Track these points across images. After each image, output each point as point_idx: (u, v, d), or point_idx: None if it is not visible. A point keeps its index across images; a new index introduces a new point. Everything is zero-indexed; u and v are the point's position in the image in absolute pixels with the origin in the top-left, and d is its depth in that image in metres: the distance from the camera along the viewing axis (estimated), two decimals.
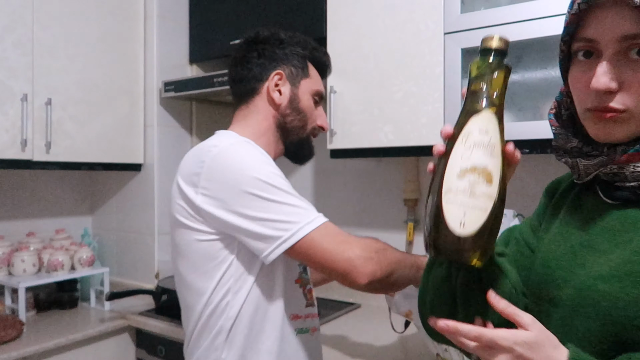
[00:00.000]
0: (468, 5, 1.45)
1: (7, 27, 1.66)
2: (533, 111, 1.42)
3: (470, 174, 0.56)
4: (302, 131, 1.08)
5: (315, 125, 1.11)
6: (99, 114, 1.95)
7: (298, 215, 0.89)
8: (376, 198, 1.96)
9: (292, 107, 1.07)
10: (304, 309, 1.02)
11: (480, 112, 0.59)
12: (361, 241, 0.92)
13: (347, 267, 0.87)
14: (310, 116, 1.09)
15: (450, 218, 0.56)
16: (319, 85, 1.11)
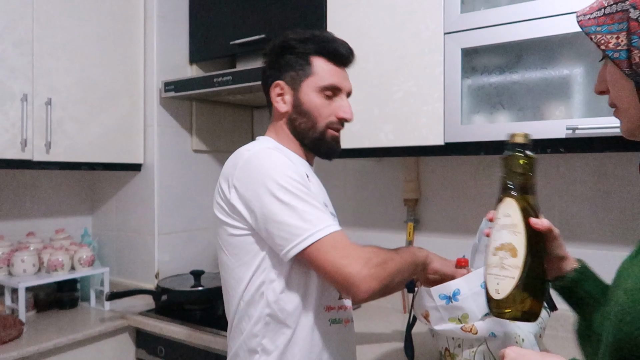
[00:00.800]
0: (468, 5, 1.45)
1: (7, 27, 1.66)
2: (533, 111, 1.42)
3: (500, 251, 0.75)
4: (314, 131, 1.09)
5: (331, 120, 1.10)
6: (99, 114, 1.95)
7: (310, 222, 0.93)
8: (376, 198, 1.96)
9: (297, 112, 1.09)
10: (336, 300, 1.06)
11: (502, 199, 0.78)
12: (363, 255, 0.93)
13: (347, 282, 0.90)
14: (319, 114, 1.08)
15: (490, 287, 0.76)
16: (327, 79, 1.09)
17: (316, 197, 0.99)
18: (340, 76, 1.12)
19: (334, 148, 1.13)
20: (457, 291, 1.10)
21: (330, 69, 1.10)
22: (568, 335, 1.52)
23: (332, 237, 0.93)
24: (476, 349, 1.12)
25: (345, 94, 1.13)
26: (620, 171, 1.49)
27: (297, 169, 1.00)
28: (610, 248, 1.50)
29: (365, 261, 0.92)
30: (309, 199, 0.96)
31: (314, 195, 0.99)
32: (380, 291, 0.94)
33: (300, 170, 1.02)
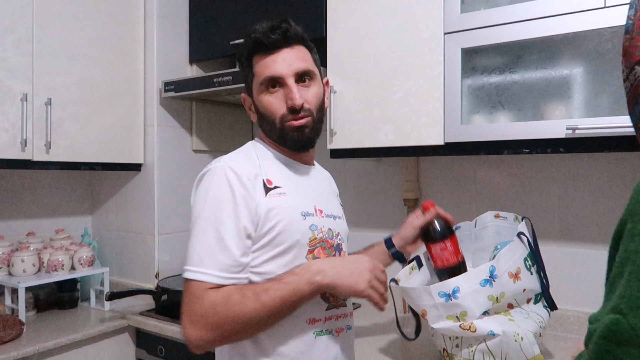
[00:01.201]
0: (468, 5, 1.45)
1: (7, 27, 1.66)
2: (533, 111, 1.42)
3: None
4: (275, 130, 1.03)
5: (283, 113, 1.01)
6: (99, 114, 1.95)
7: (191, 257, 0.92)
8: (376, 198, 1.96)
9: (260, 117, 1.06)
10: (324, 312, 1.01)
11: None
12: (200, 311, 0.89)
13: (183, 332, 0.91)
14: (271, 112, 1.02)
15: None
16: (263, 74, 1.01)
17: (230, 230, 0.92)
18: (276, 64, 1.00)
19: (297, 138, 1.03)
20: (457, 289, 1.10)
21: (264, 62, 1.02)
22: (568, 335, 1.52)
23: (192, 284, 0.90)
24: (475, 347, 1.12)
25: (289, 79, 1.00)
26: (620, 171, 1.49)
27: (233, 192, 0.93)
28: None
29: (197, 321, 0.89)
30: (216, 232, 0.92)
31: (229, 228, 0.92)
32: (215, 345, 0.94)
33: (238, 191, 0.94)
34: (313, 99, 1.03)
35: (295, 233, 0.98)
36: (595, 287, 1.52)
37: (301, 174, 1.08)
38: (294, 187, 1.02)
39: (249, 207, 0.94)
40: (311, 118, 1.02)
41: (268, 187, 0.98)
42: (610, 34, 1.27)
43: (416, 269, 1.33)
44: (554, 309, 1.21)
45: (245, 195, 0.94)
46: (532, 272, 1.17)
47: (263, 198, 0.96)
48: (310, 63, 1.05)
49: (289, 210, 0.98)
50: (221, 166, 0.96)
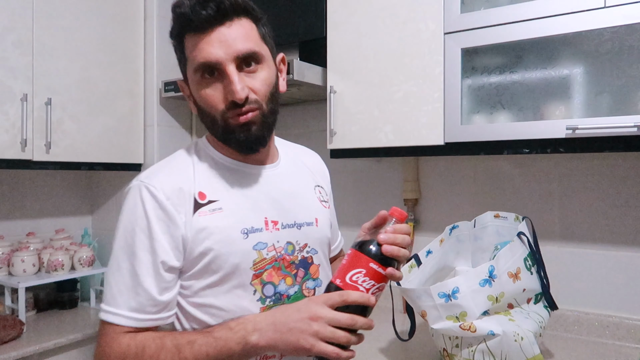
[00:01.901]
0: (468, 5, 1.45)
1: (7, 27, 1.66)
2: (533, 111, 1.42)
3: None
4: (217, 127, 0.84)
5: (222, 109, 0.82)
6: (99, 114, 1.95)
7: (106, 296, 0.81)
8: (376, 198, 1.96)
9: (197, 109, 0.87)
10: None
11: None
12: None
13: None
14: (209, 106, 0.83)
15: None
16: (196, 58, 0.81)
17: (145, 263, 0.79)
18: (210, 46, 0.80)
19: (244, 139, 0.83)
20: (457, 289, 1.10)
21: (196, 43, 0.81)
22: (568, 335, 1.52)
23: (104, 326, 0.79)
24: (475, 347, 1.12)
25: (229, 65, 0.80)
26: (620, 171, 1.49)
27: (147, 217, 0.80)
28: (611, 248, 1.50)
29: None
30: (129, 266, 0.79)
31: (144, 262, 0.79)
32: None
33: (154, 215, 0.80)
34: (262, 86, 0.83)
35: (232, 256, 0.82)
36: (595, 287, 1.52)
37: (251, 179, 0.89)
38: (237, 198, 0.85)
39: (170, 234, 0.80)
40: (259, 112, 0.83)
41: (199, 202, 0.82)
42: (610, 34, 1.27)
43: (415, 267, 1.33)
44: (554, 309, 1.21)
45: (164, 220, 0.79)
46: (532, 272, 1.17)
47: (191, 217, 0.81)
48: (256, 41, 0.83)
49: (225, 229, 0.82)
50: (137, 186, 0.82)
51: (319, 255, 0.94)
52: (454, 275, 1.35)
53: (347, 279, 0.77)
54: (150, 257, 0.79)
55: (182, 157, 0.89)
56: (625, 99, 1.29)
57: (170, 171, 0.85)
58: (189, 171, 0.86)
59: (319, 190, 1.01)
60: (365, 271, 0.77)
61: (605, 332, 1.47)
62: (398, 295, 1.83)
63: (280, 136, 1.05)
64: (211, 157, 0.89)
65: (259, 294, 0.84)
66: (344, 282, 0.77)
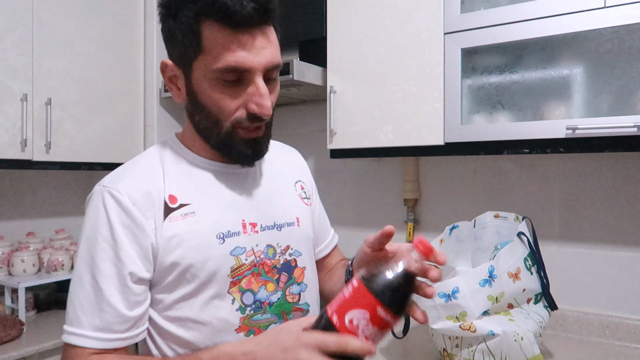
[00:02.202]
0: (468, 5, 1.45)
1: (7, 27, 1.66)
2: (533, 111, 1.42)
3: None
4: (218, 130, 0.76)
5: (239, 117, 0.75)
6: (99, 114, 1.95)
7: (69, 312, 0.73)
8: (376, 198, 1.96)
9: (193, 104, 0.77)
10: None
11: None
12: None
13: None
14: (219, 110, 0.75)
15: None
16: (224, 58, 0.71)
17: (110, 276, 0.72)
18: (247, 51, 0.71)
19: (247, 154, 0.79)
20: (456, 289, 1.10)
21: (226, 39, 0.71)
22: (568, 335, 1.52)
23: (67, 348, 0.72)
24: (475, 347, 1.12)
25: (259, 74, 0.73)
26: (620, 171, 1.49)
27: (111, 225, 0.73)
28: (610, 248, 1.50)
29: None
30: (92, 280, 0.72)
31: (108, 275, 0.72)
32: None
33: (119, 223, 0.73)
34: (275, 100, 0.78)
35: (208, 264, 0.75)
36: (595, 287, 1.52)
37: (227, 179, 0.82)
38: (211, 201, 0.79)
39: (137, 242, 0.73)
40: (265, 125, 0.79)
41: (170, 207, 0.75)
42: (610, 34, 1.27)
43: None
44: (554, 309, 1.21)
45: (130, 227, 0.72)
46: (532, 272, 1.17)
47: (161, 224, 0.74)
48: (279, 52, 0.77)
49: (199, 234, 0.75)
50: (99, 191, 0.75)
51: (303, 258, 0.86)
52: (454, 275, 1.35)
53: (346, 320, 0.60)
54: (115, 269, 0.72)
55: (150, 157, 0.81)
56: (625, 99, 1.29)
57: (136, 173, 0.78)
58: (158, 173, 0.78)
59: (300, 185, 0.94)
60: (370, 315, 0.60)
61: (605, 332, 1.47)
62: None
63: (280, 136, 1.05)
64: (183, 157, 0.82)
65: (237, 302, 0.77)
66: (341, 322, 0.61)
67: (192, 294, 0.76)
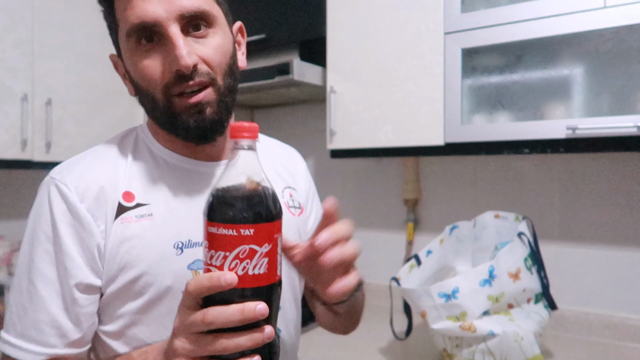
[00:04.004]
0: (468, 5, 1.45)
1: (7, 27, 1.66)
2: (533, 111, 1.42)
3: None
4: (156, 106, 0.68)
5: (168, 81, 0.64)
6: (99, 114, 1.95)
7: (5, 318, 0.65)
8: (376, 198, 1.96)
9: (136, 89, 0.71)
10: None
11: None
12: None
13: None
14: (145, 80, 0.66)
15: None
16: (129, 17, 0.63)
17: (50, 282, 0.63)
18: (147, 2, 0.62)
19: (194, 124, 0.65)
20: (457, 289, 1.10)
21: (126, 5, 0.64)
22: (568, 335, 1.52)
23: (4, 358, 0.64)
24: (475, 347, 1.12)
25: (171, 26, 0.62)
26: (620, 171, 1.49)
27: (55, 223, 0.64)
28: (610, 248, 1.50)
29: None
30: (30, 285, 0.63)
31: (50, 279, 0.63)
32: None
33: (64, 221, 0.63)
34: (214, 55, 0.65)
35: (161, 277, 0.64)
36: (595, 287, 1.52)
37: (197, 179, 0.71)
38: (174, 203, 0.68)
39: (84, 245, 0.63)
40: (213, 88, 0.65)
41: (124, 206, 0.65)
42: (610, 34, 1.27)
43: (415, 267, 1.33)
44: (554, 308, 1.21)
45: (76, 227, 0.63)
46: (532, 272, 1.17)
47: (111, 224, 0.64)
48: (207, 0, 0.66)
49: (153, 241, 0.65)
50: (46, 183, 0.66)
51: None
52: (454, 275, 1.35)
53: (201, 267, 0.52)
54: (56, 273, 0.63)
55: (111, 147, 0.72)
56: (625, 99, 1.30)
57: (91, 164, 0.68)
58: (118, 165, 0.69)
59: (289, 192, 0.82)
60: (208, 243, 0.49)
61: (605, 332, 1.47)
62: (397, 295, 1.83)
63: (280, 136, 1.03)
64: (148, 148, 0.72)
65: None
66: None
67: (140, 310, 0.65)
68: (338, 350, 1.39)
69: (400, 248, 1.87)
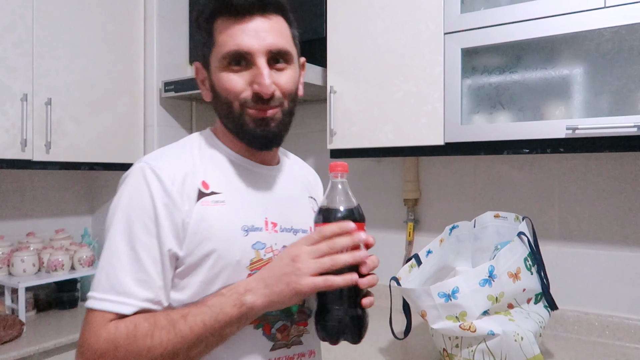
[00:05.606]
0: (468, 5, 1.45)
1: (7, 27, 1.66)
2: (533, 111, 1.42)
3: None
4: (232, 117, 0.82)
5: (245, 97, 0.80)
6: (99, 114, 1.95)
7: (100, 279, 0.75)
8: (376, 198, 1.96)
9: (215, 96, 0.84)
10: (268, 352, 0.81)
11: None
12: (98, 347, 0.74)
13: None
14: (228, 93, 0.81)
15: None
16: (228, 44, 0.79)
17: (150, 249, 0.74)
18: (245, 35, 0.79)
19: (261, 134, 0.82)
20: (456, 289, 1.10)
21: (230, 29, 0.79)
22: (568, 335, 1.52)
23: (94, 314, 0.74)
24: (475, 347, 1.12)
25: (260, 57, 0.79)
26: (620, 171, 1.49)
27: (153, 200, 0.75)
28: (610, 248, 1.50)
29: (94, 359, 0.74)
30: (131, 251, 0.74)
31: (149, 247, 0.74)
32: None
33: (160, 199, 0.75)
34: (287, 85, 0.82)
35: (231, 252, 0.78)
36: (595, 287, 1.52)
37: (254, 177, 0.87)
38: (239, 193, 0.83)
39: (173, 220, 0.75)
40: (280, 110, 0.82)
41: (203, 192, 0.79)
42: (610, 34, 1.27)
43: (415, 267, 1.33)
44: (554, 309, 1.21)
45: (167, 205, 0.75)
46: (532, 272, 1.17)
47: (193, 206, 0.77)
48: (288, 40, 0.83)
49: (226, 223, 0.79)
50: (140, 167, 0.78)
51: None
52: (454, 275, 1.35)
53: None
54: (156, 242, 0.74)
55: (187, 144, 0.86)
56: (625, 99, 1.30)
57: (175, 156, 0.82)
58: (195, 159, 0.82)
59: (312, 201, 0.97)
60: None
61: (605, 332, 1.47)
62: (398, 295, 1.83)
63: None
64: (216, 148, 0.86)
65: None
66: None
67: (208, 281, 0.77)
68: (338, 349, 1.39)
69: (400, 248, 1.87)
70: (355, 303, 0.76)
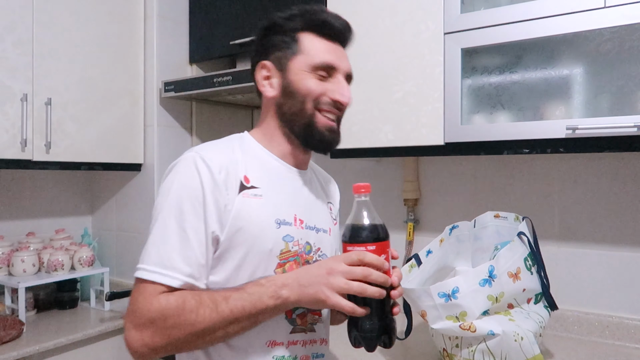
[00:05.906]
0: (468, 5, 1.45)
1: (7, 27, 1.66)
2: (533, 111, 1.42)
3: None
4: (303, 115, 0.92)
5: (323, 100, 0.92)
6: (99, 114, 1.95)
7: (147, 253, 0.84)
8: (376, 198, 1.95)
9: (285, 93, 0.94)
10: (287, 335, 0.90)
11: None
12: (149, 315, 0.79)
13: (125, 334, 0.82)
14: (307, 93, 0.92)
15: None
16: (319, 56, 0.92)
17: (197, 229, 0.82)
18: (336, 54, 0.95)
19: (327, 138, 0.94)
20: (456, 289, 1.10)
21: (322, 45, 0.94)
22: (568, 335, 1.52)
23: (144, 285, 0.81)
24: (475, 347, 1.12)
25: (342, 75, 0.95)
26: (620, 171, 1.49)
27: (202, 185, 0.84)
28: (610, 248, 1.50)
29: (143, 325, 0.79)
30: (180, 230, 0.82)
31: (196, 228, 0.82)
32: (160, 354, 0.81)
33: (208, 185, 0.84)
34: (349, 100, 0.98)
35: (266, 241, 0.87)
36: (595, 287, 1.52)
37: (287, 177, 0.97)
38: (274, 190, 0.92)
39: (218, 206, 0.84)
40: (338, 122, 0.97)
41: (244, 185, 0.88)
42: (610, 34, 1.27)
43: (415, 267, 1.33)
44: (554, 309, 1.21)
45: (214, 191, 0.84)
46: (532, 272, 1.17)
47: (235, 196, 0.86)
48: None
49: (262, 215, 0.88)
50: (192, 156, 0.86)
51: None
52: (454, 275, 1.35)
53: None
54: (203, 224, 0.82)
55: (230, 142, 0.95)
56: (625, 99, 1.29)
57: (222, 150, 0.90)
58: (237, 155, 0.91)
59: (330, 207, 1.08)
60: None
61: (605, 332, 1.47)
62: None
63: None
64: (256, 150, 0.96)
65: None
66: None
67: (241, 265, 0.85)
68: (338, 349, 1.39)
69: (400, 248, 1.87)
70: (389, 313, 0.84)
